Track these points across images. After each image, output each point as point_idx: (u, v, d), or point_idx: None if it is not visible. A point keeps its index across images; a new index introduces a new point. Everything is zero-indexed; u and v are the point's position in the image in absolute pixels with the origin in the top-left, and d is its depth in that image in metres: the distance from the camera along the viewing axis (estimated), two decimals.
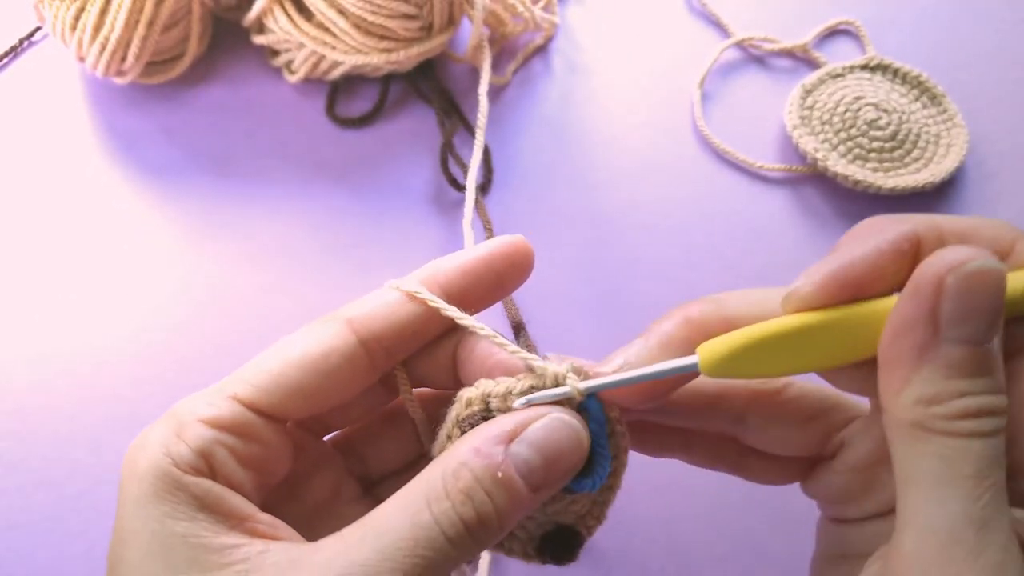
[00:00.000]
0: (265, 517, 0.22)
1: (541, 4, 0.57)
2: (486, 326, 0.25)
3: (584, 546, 0.26)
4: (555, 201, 0.49)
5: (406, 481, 0.23)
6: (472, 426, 0.23)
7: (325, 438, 0.28)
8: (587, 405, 0.24)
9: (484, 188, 0.49)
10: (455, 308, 0.25)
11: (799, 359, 0.22)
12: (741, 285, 0.46)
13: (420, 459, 0.28)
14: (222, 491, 0.22)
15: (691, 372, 0.22)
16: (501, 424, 0.22)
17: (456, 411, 0.24)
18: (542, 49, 0.56)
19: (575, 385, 0.23)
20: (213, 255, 0.46)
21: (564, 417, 0.23)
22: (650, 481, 0.40)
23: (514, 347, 0.24)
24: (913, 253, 0.21)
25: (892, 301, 0.21)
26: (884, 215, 0.23)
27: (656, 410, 0.27)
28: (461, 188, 0.48)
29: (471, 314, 0.25)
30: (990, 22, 0.58)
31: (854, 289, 0.21)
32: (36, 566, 0.37)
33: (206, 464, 0.22)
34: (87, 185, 0.49)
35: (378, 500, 0.23)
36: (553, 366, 0.24)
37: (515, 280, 0.26)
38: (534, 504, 0.22)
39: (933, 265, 0.20)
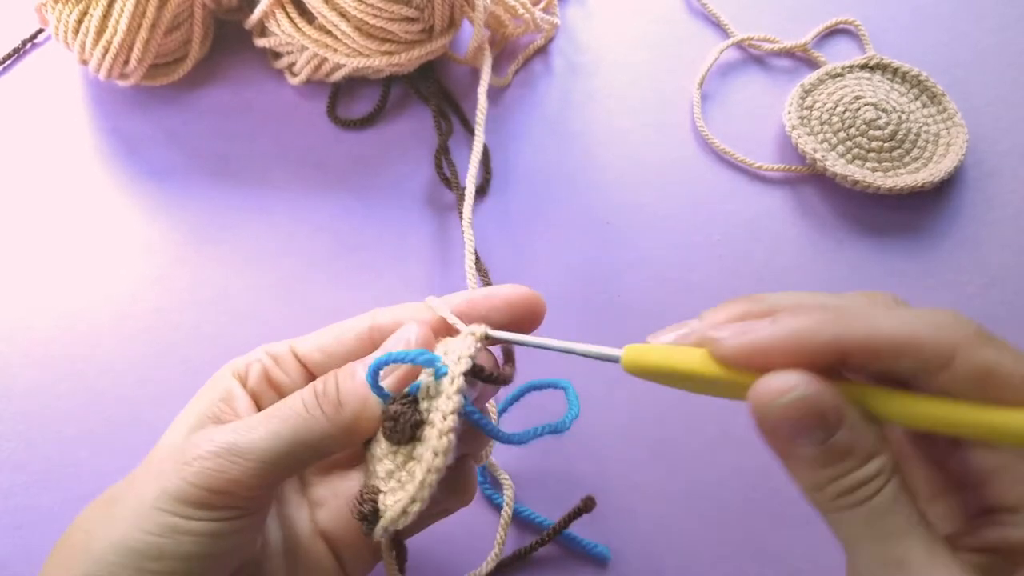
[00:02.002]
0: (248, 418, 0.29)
1: (542, 5, 0.57)
2: (465, 325, 0.29)
3: (376, 522, 0.27)
4: (555, 201, 0.49)
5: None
6: (392, 409, 0.27)
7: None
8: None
9: (483, 189, 0.49)
10: (454, 317, 0.29)
11: (698, 387, 0.25)
12: (740, 285, 0.46)
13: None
14: (240, 394, 0.30)
15: (614, 360, 0.26)
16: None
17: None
18: (542, 50, 0.57)
19: (480, 330, 0.28)
20: (215, 256, 0.47)
21: (407, 324, 0.29)
22: (650, 481, 0.40)
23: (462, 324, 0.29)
24: (837, 355, 0.23)
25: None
26: (829, 297, 0.25)
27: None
28: (455, 190, 0.48)
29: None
30: (990, 21, 0.58)
31: (764, 365, 0.23)
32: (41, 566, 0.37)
33: (245, 372, 0.31)
34: (89, 187, 0.49)
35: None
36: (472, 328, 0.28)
37: (525, 327, 0.30)
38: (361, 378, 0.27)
39: (760, 403, 0.23)
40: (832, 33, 0.58)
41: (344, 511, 0.30)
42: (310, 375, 0.31)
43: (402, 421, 0.26)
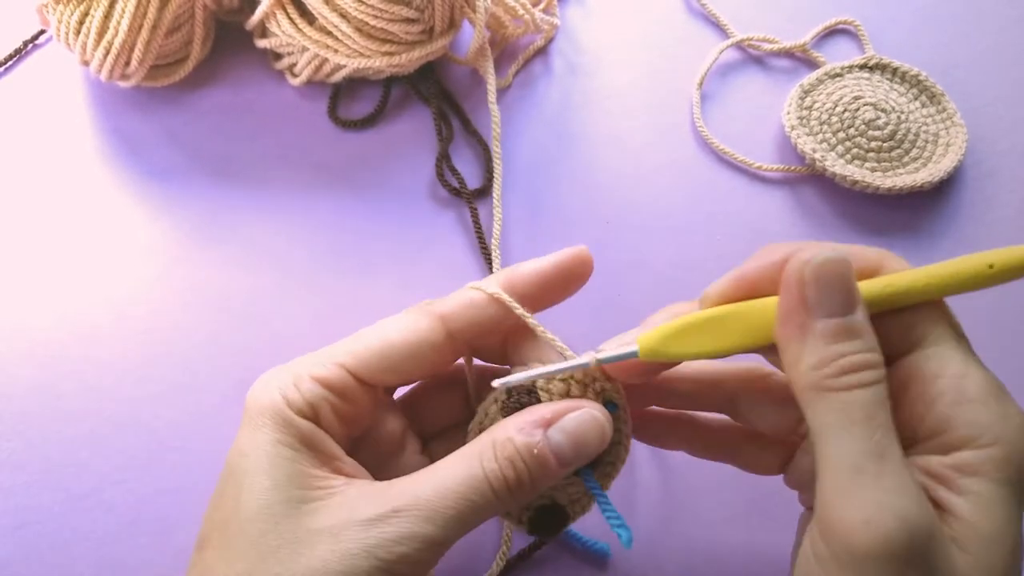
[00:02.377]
0: (350, 461, 0.28)
1: (541, 6, 0.57)
2: (546, 329, 0.30)
3: (566, 527, 0.31)
4: (555, 201, 0.49)
5: (456, 436, 0.31)
6: (514, 394, 0.29)
7: (395, 397, 0.34)
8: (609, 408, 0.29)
9: (484, 190, 0.49)
10: (527, 312, 0.30)
11: (714, 341, 0.27)
12: None
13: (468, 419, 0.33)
14: (322, 435, 0.28)
15: (634, 357, 0.28)
16: (542, 411, 0.28)
17: (495, 394, 0.30)
18: (542, 50, 0.57)
19: (593, 358, 0.29)
20: (216, 256, 0.47)
21: (596, 413, 0.28)
22: (650, 480, 0.40)
23: (560, 344, 0.31)
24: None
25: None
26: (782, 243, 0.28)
27: (664, 392, 0.33)
28: (458, 194, 0.49)
29: (534, 312, 0.30)
30: (989, 21, 0.58)
31: (749, 289, 0.27)
32: (43, 566, 0.38)
33: (312, 411, 0.28)
34: (90, 187, 0.49)
35: (432, 453, 0.32)
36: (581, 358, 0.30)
37: (577, 286, 0.31)
38: (559, 476, 0.28)
39: (793, 264, 0.25)
40: (831, 33, 0.58)
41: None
42: (372, 392, 0.30)
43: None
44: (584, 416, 0.28)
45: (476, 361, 0.33)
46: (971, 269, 0.26)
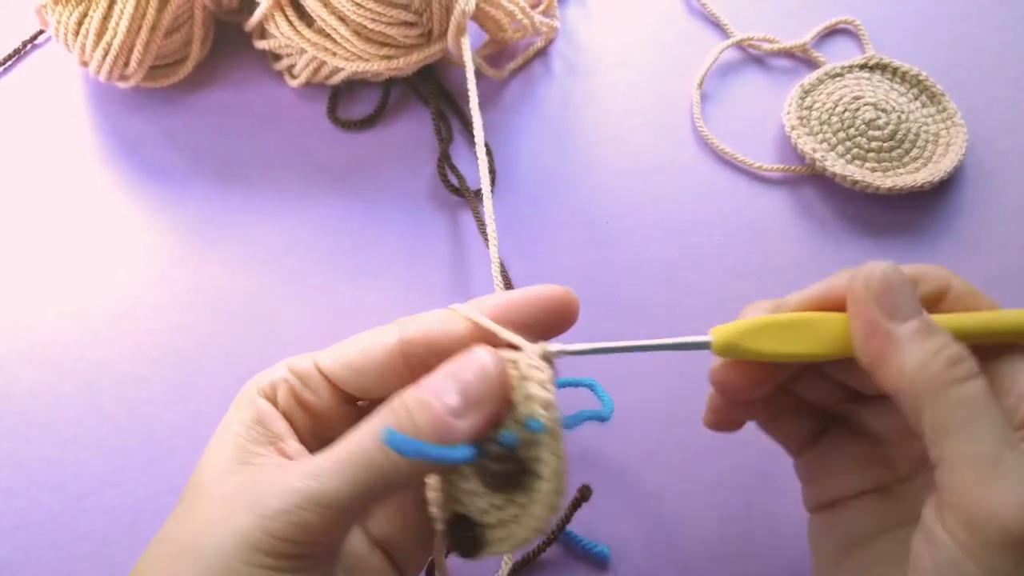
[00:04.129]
0: (296, 446, 0.28)
1: (541, 8, 0.57)
2: (509, 332, 0.27)
3: (480, 552, 0.27)
4: (555, 202, 0.49)
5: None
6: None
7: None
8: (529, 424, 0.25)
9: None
10: (490, 321, 0.27)
11: (792, 345, 0.28)
12: (740, 285, 0.46)
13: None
14: (274, 415, 0.28)
15: (704, 349, 0.28)
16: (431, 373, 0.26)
17: None
18: (542, 52, 0.57)
19: (546, 348, 0.26)
20: (216, 257, 0.47)
21: (478, 350, 0.26)
22: (650, 481, 0.40)
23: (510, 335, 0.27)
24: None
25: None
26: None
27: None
28: (460, 194, 0.48)
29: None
30: (990, 20, 0.58)
31: (833, 304, 0.28)
32: (42, 566, 0.38)
33: (272, 392, 0.29)
34: (89, 188, 0.49)
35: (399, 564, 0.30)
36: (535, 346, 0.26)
37: (556, 326, 0.28)
38: (461, 431, 0.25)
39: (859, 280, 0.27)
40: (832, 33, 0.58)
41: (396, 517, 0.30)
42: (337, 392, 0.29)
43: (507, 476, 0.25)
44: (465, 356, 0.26)
45: None
46: None
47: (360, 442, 0.25)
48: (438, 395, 0.25)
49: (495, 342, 0.27)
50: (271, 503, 0.24)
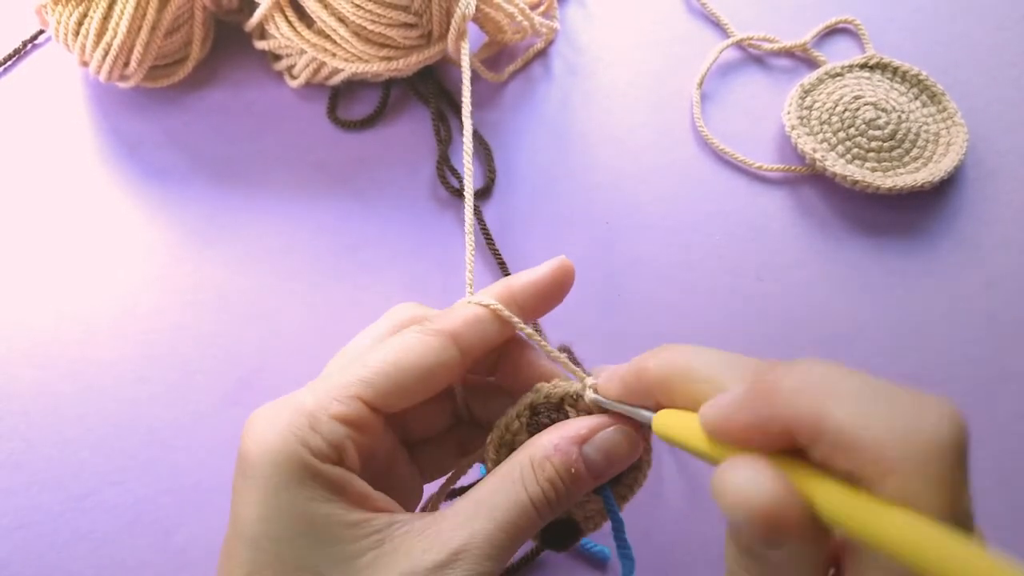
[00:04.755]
0: (379, 495, 0.27)
1: (541, 9, 0.57)
2: (546, 344, 0.31)
3: (577, 542, 0.31)
4: (555, 202, 0.49)
5: (442, 445, 0.32)
6: (542, 411, 0.29)
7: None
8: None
9: (487, 191, 0.49)
10: (528, 326, 0.30)
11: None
12: (740, 285, 0.46)
13: (453, 427, 0.33)
14: (351, 477, 0.26)
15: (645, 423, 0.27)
16: (577, 427, 0.28)
17: (531, 398, 0.29)
18: (542, 52, 0.56)
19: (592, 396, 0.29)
20: (216, 256, 0.47)
21: (629, 431, 0.28)
22: (650, 482, 0.40)
23: (563, 359, 0.31)
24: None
25: None
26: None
27: None
28: (460, 195, 0.49)
29: (527, 322, 0.30)
30: (990, 20, 0.58)
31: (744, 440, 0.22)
32: (43, 566, 0.38)
33: (337, 455, 0.26)
34: (89, 187, 0.49)
35: (419, 462, 0.32)
36: (590, 380, 0.29)
37: (562, 296, 0.31)
38: (590, 488, 0.28)
39: (714, 486, 0.20)
40: (832, 32, 0.58)
41: (434, 421, 0.33)
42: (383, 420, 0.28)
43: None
44: (617, 433, 0.28)
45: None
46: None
47: (516, 512, 0.26)
48: (595, 472, 0.27)
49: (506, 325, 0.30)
50: None
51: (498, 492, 0.27)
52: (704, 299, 0.46)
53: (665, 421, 0.25)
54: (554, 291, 0.31)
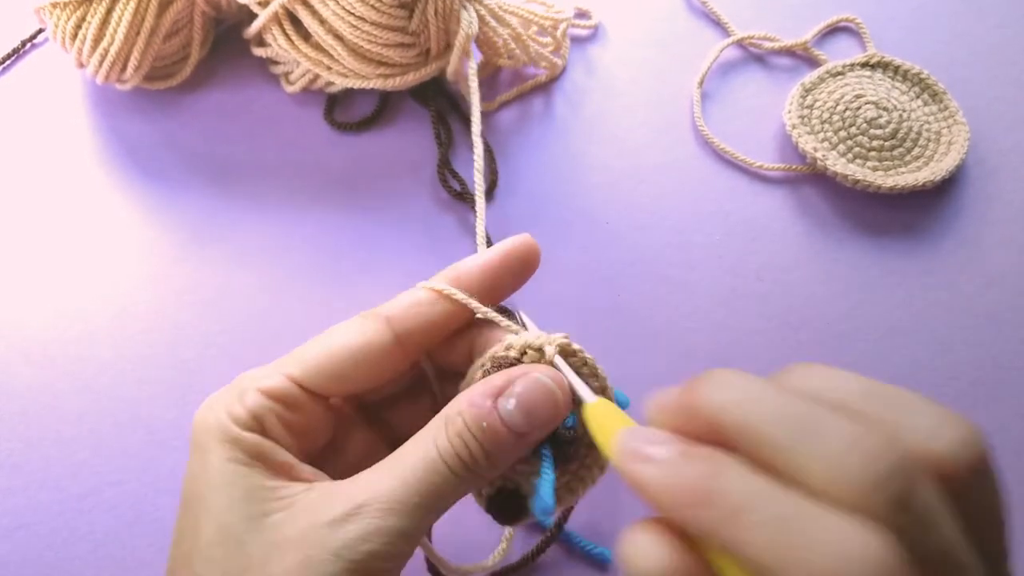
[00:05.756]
0: (307, 468, 0.27)
1: (550, 48, 0.55)
2: (503, 319, 0.29)
3: (525, 517, 0.28)
4: (556, 202, 0.49)
5: None
6: (503, 364, 0.28)
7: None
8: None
9: (489, 191, 0.49)
10: (477, 302, 0.29)
11: None
12: (740, 285, 0.46)
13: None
14: (271, 446, 0.27)
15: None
16: (492, 381, 0.26)
17: (494, 349, 0.28)
18: (543, 88, 0.55)
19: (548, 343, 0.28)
20: (214, 257, 0.47)
21: (541, 377, 0.26)
22: None
23: (524, 331, 0.29)
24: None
25: None
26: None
27: None
28: (461, 198, 0.48)
29: (488, 306, 0.29)
30: (992, 18, 0.58)
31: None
32: (42, 566, 0.38)
33: (258, 424, 0.27)
34: (88, 188, 0.49)
35: None
36: (551, 337, 0.28)
37: (526, 275, 0.30)
38: (520, 448, 0.26)
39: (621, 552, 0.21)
40: (833, 31, 0.57)
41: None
42: (319, 402, 0.29)
43: (571, 451, 0.28)
44: (531, 380, 0.26)
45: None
46: None
47: (429, 468, 0.25)
48: (512, 427, 0.26)
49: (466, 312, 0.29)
50: (360, 547, 0.24)
51: (412, 450, 0.26)
52: (704, 299, 0.46)
53: (596, 412, 0.25)
54: (509, 272, 0.30)
